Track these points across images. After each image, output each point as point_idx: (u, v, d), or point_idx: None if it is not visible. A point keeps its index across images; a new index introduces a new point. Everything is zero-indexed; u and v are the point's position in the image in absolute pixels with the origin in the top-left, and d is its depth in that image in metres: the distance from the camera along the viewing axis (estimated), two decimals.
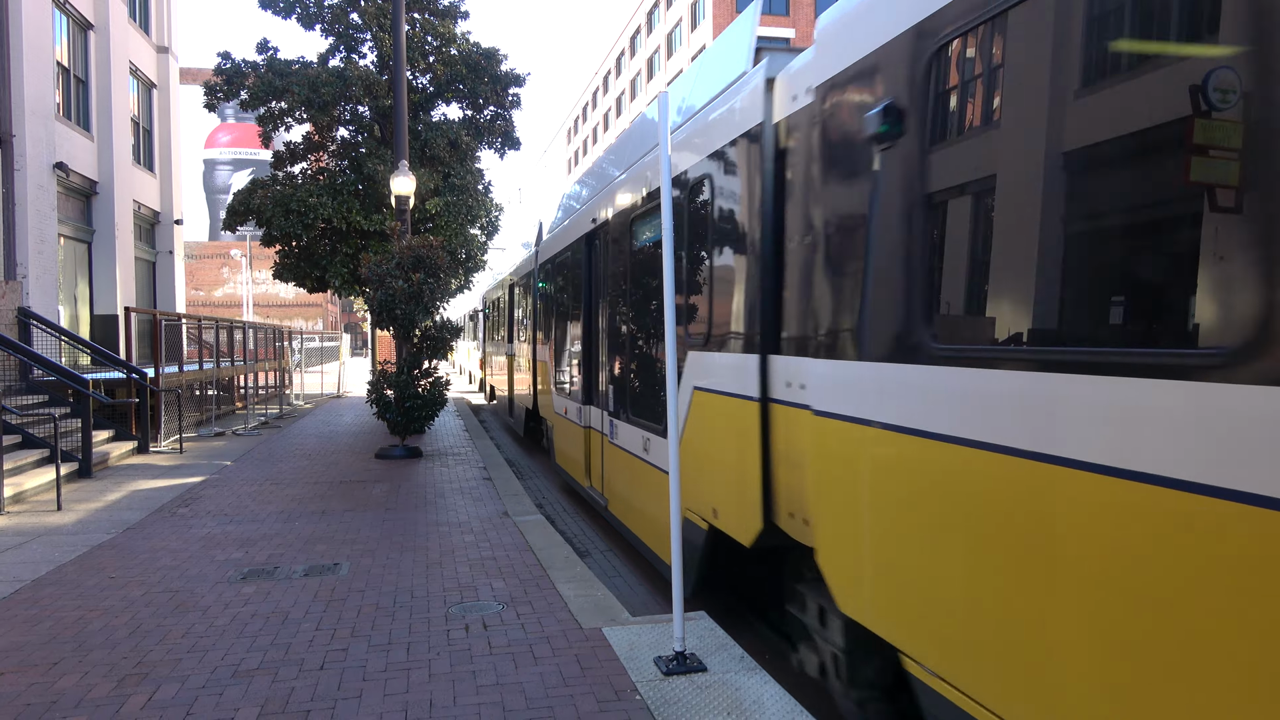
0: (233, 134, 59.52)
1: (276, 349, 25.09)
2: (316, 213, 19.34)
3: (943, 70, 3.28)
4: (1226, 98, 2.23)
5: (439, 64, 21.63)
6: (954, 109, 3.30)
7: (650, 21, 69.55)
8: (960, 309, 3.27)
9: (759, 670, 4.46)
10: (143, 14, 22.85)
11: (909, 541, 3.38)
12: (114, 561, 6.91)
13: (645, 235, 7.13)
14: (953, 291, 3.32)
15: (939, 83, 3.30)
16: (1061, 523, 2.62)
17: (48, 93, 16.56)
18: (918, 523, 3.32)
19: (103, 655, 4.86)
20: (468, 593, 6.01)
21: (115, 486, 10.29)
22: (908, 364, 3.36)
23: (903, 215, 3.45)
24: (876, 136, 3.54)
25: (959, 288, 3.31)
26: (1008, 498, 2.84)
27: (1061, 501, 2.62)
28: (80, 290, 18.97)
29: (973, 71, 3.20)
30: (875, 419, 3.56)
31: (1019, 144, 2.92)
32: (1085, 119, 2.67)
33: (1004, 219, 3.02)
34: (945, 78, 3.28)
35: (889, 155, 3.52)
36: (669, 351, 4.69)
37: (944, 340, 3.22)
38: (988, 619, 2.95)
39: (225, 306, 56.23)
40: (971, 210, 3.28)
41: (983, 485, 2.96)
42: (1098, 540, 2.50)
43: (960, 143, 3.29)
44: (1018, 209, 2.92)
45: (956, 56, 3.25)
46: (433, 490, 10.05)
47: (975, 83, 3.18)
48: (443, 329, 13.26)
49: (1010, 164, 2.97)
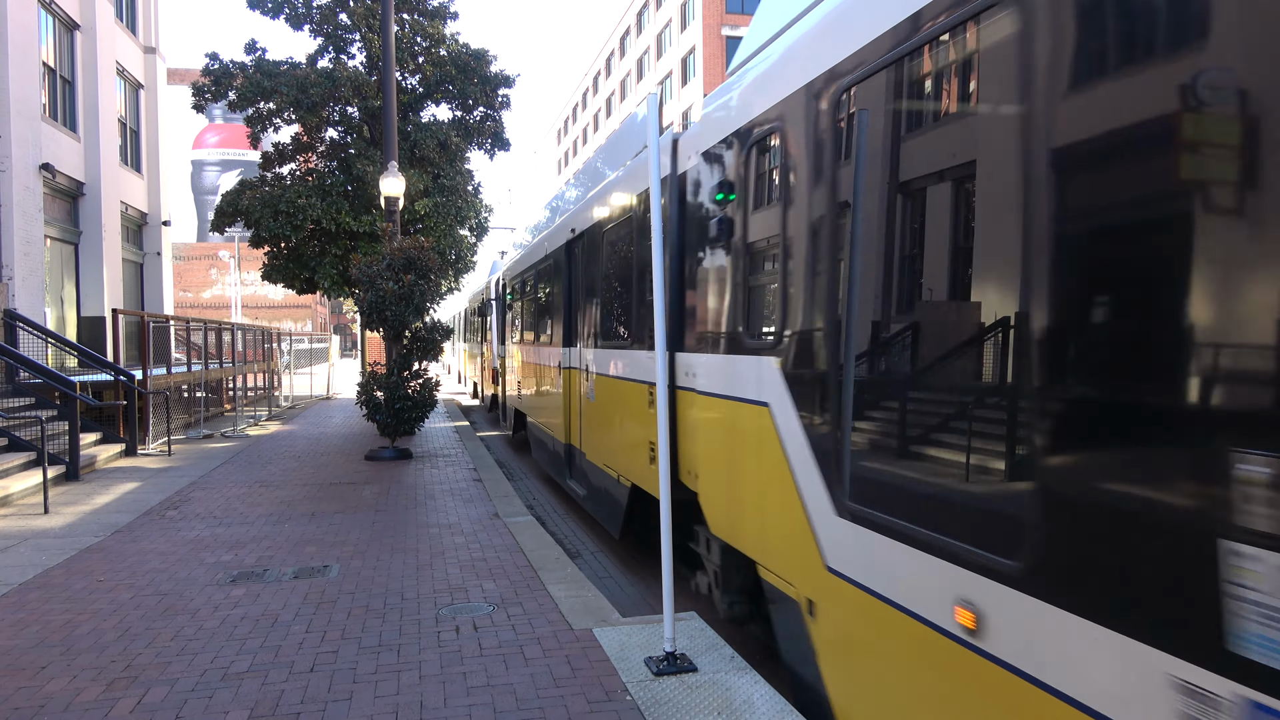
0: (221, 135, 59.22)
1: (265, 351, 24.99)
2: (305, 214, 19.28)
3: (752, 162, 4.84)
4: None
5: (428, 65, 21.60)
6: (753, 191, 4.89)
7: (640, 22, 69.57)
8: (741, 322, 4.97)
9: (749, 670, 4.48)
10: (130, 14, 22.74)
11: (727, 466, 5.18)
12: (102, 564, 6.88)
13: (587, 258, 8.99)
14: (747, 310, 4.95)
15: (748, 170, 4.90)
16: (739, 424, 4.91)
17: (34, 93, 16.46)
18: (727, 453, 5.17)
19: (91, 658, 4.84)
20: (458, 594, 6.01)
21: (103, 489, 10.23)
22: (729, 355, 5.13)
23: (733, 257, 5.06)
24: (722, 200, 5.12)
25: (750, 308, 4.92)
26: (735, 421, 4.99)
27: (740, 417, 4.89)
28: (67, 292, 18.86)
29: (765, 166, 4.74)
30: (714, 391, 5.34)
31: (792, 217, 4.27)
32: (813, 217, 4.05)
33: (774, 270, 4.57)
34: (753, 167, 4.86)
35: (726, 212, 5.12)
36: (659, 351, 4.70)
37: (752, 337, 4.88)
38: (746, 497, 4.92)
39: (213, 308, 55.95)
40: (756, 260, 4.86)
41: (727, 416, 5.11)
42: (738, 430, 4.89)
43: (756, 213, 4.83)
44: (781, 264, 4.39)
45: (756, 155, 4.80)
46: (423, 492, 10.04)
47: (769, 173, 4.68)
48: (433, 330, 13.23)
49: (786, 228, 4.35)
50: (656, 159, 4.72)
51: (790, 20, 4.55)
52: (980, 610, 2.81)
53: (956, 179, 3.19)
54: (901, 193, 3.46)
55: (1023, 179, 2.65)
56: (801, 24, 4.37)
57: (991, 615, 2.76)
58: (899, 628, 3.29)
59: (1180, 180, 2.18)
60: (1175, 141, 2.19)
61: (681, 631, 4.96)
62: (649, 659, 4.63)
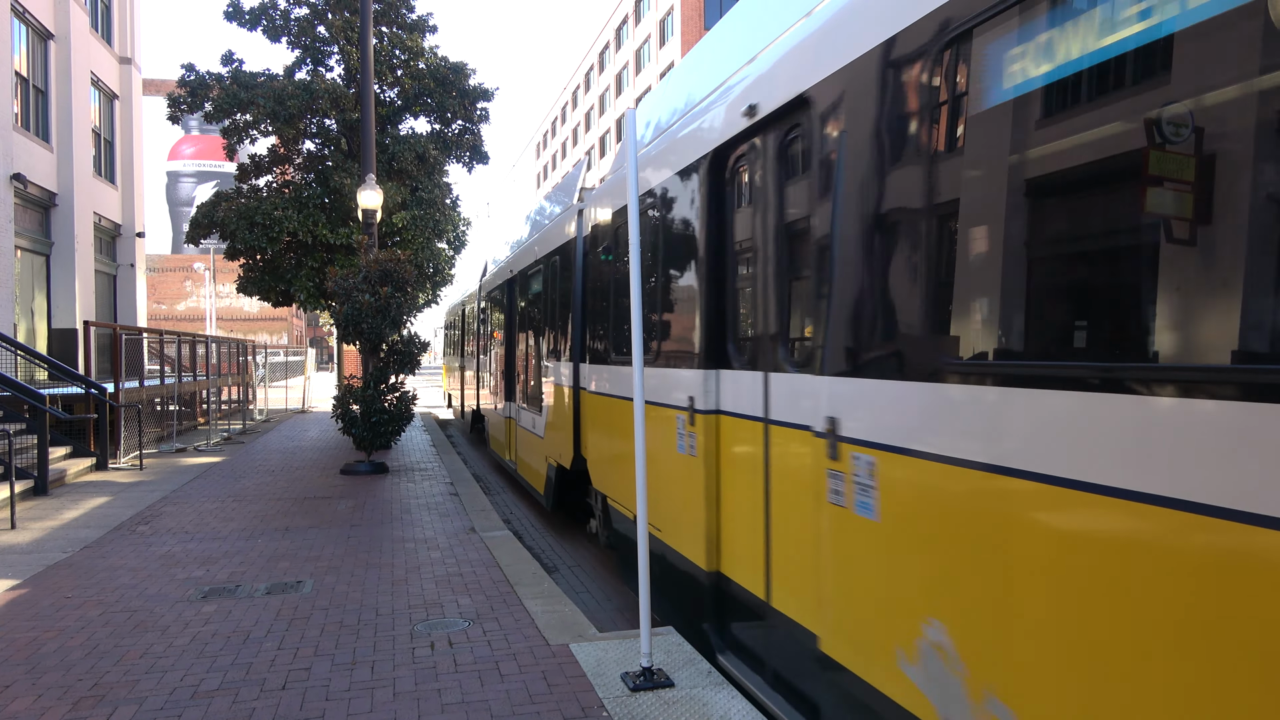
0: (197, 146, 58.84)
1: (240, 364, 24.75)
2: (281, 226, 19.15)
3: (617, 238, 7.01)
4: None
5: (407, 78, 21.59)
6: (615, 260, 7.19)
7: (619, 38, 69.93)
8: (620, 340, 6.99)
9: (725, 685, 4.47)
10: (105, 24, 22.57)
11: (602, 440, 7.69)
12: (70, 581, 6.76)
13: (532, 286, 11.42)
14: (610, 334, 7.35)
15: (610, 244, 7.31)
16: (619, 414, 6.87)
17: (5, 103, 16.27)
18: (601, 429, 7.65)
19: (57, 677, 4.75)
20: (433, 609, 5.96)
21: (73, 504, 10.07)
22: (599, 365, 7.69)
23: (610, 298, 7.29)
24: (606, 260, 7.45)
25: (615, 332, 7.16)
26: (606, 408, 7.43)
27: (622, 413, 6.74)
28: (38, 304, 18.60)
29: (624, 243, 6.48)
30: (593, 389, 7.90)
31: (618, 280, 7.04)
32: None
33: (623, 307, 6.78)
34: (617, 243, 7.08)
35: (607, 269, 7.39)
36: (635, 370, 4.67)
37: (619, 353, 7.06)
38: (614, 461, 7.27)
39: (188, 320, 55.41)
40: (618, 300, 7.07)
41: (601, 404, 7.57)
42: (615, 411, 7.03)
43: (624, 274, 6.49)
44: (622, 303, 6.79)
45: (618, 234, 6.97)
46: (399, 506, 9.96)
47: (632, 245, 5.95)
48: (410, 343, 13.16)
49: (614, 287, 7.15)
50: (634, 178, 4.71)
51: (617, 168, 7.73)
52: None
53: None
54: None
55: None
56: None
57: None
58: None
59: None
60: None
61: (658, 646, 4.94)
62: (626, 674, 4.61)
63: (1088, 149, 2.43)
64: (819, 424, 3.65)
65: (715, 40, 5.63)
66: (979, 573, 2.70)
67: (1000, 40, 2.69)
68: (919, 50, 3.02)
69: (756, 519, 4.46)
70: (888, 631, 3.20)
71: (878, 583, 3.26)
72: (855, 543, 3.41)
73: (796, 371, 4.01)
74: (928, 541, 2.96)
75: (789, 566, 4.11)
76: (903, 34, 3.11)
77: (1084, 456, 2.30)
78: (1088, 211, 2.51)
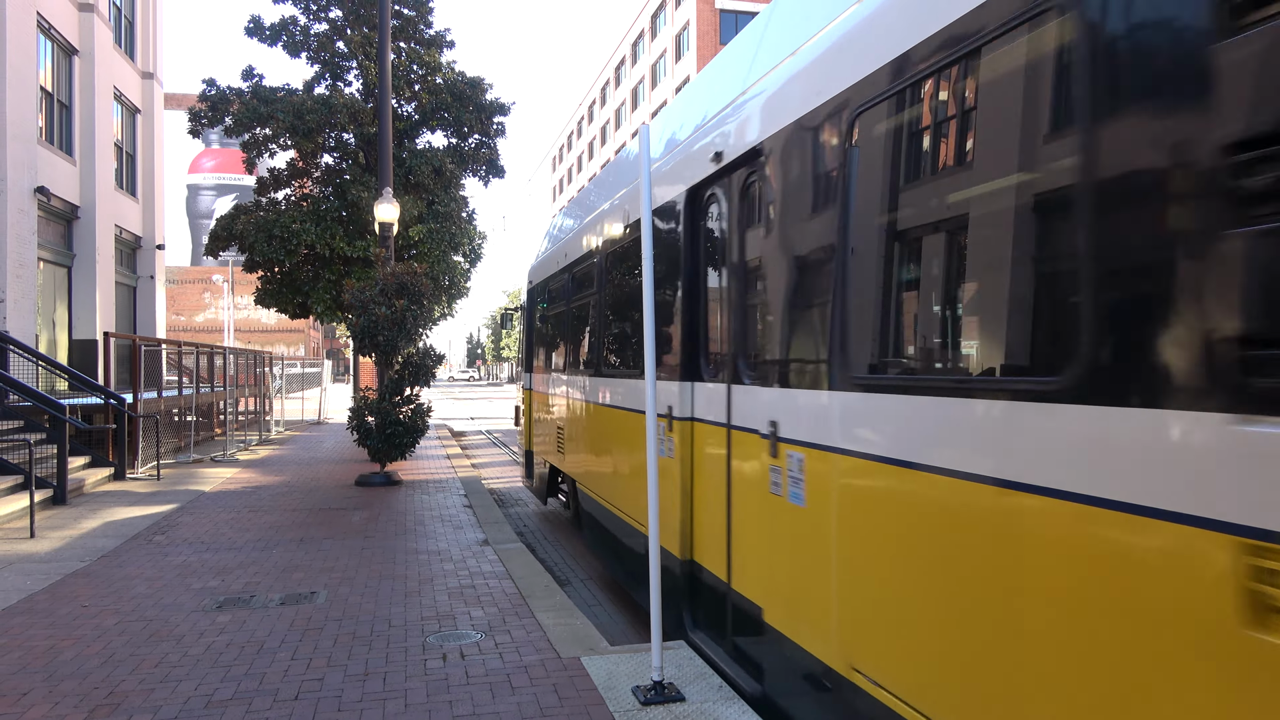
0: (217, 159, 59.48)
1: (257, 375, 24.93)
2: (299, 239, 19.34)
3: (550, 298, 10.53)
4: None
5: (424, 92, 21.80)
6: (549, 315, 10.79)
7: (635, 53, 70.33)
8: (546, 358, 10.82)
9: (737, 700, 4.46)
10: (128, 40, 22.90)
11: (548, 427, 10.63)
12: (87, 590, 6.82)
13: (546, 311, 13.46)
14: (547, 353, 10.96)
15: (545, 302, 10.97)
16: (574, 407, 9.12)
17: (30, 117, 16.54)
18: (545, 418, 10.83)
19: (74, 685, 4.80)
20: (446, 621, 5.98)
21: (91, 514, 10.17)
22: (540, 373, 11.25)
23: (545, 333, 11.09)
24: (541, 311, 11.34)
25: (551, 352, 10.67)
26: (554, 402, 10.28)
27: (590, 412, 8.33)
28: (59, 315, 18.83)
29: (553, 306, 10.47)
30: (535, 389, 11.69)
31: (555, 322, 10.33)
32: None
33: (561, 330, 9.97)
34: (549, 301, 10.62)
35: (545, 317, 11.12)
36: (648, 380, 4.73)
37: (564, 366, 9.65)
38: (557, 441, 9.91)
39: (206, 332, 55.89)
40: (552, 331, 10.60)
41: (548, 400, 10.76)
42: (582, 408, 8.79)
43: (557, 320, 10.20)
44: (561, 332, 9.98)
45: (552, 295, 10.39)
46: (412, 518, 10.00)
47: (558, 305, 9.90)
48: (425, 356, 13.23)
49: (558, 322, 10.18)
50: (648, 191, 4.78)
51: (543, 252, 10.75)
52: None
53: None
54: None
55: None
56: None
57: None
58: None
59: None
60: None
61: (669, 660, 4.94)
62: (637, 688, 4.61)
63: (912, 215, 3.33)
64: (764, 427, 4.32)
65: (696, 88, 6.31)
66: (884, 544, 3.32)
67: (855, 126, 3.51)
68: (823, 121, 3.79)
69: (720, 511, 5.02)
70: (808, 599, 3.90)
71: (803, 557, 3.96)
72: (787, 525, 4.10)
73: (751, 384, 4.59)
74: (839, 521, 3.63)
75: (744, 551, 4.70)
76: (810, 112, 3.89)
77: (932, 446, 2.99)
78: (930, 257, 3.27)
